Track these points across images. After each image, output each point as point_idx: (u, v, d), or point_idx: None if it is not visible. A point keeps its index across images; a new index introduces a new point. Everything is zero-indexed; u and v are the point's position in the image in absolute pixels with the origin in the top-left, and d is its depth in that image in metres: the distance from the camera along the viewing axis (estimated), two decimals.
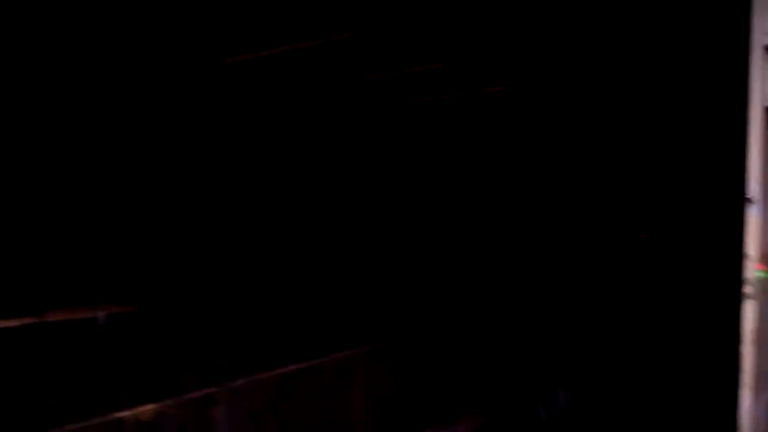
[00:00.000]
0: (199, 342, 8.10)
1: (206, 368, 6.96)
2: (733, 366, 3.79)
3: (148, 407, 5.05)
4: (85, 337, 7.46)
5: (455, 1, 6.57)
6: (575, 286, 14.02)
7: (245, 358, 7.28)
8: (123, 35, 7.11)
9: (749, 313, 3.63)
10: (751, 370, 3.64)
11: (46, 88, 7.65)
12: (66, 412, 4.80)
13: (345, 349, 7.50)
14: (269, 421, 6.31)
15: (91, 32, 7.01)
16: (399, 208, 13.08)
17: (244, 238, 10.22)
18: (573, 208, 15.08)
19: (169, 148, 9.24)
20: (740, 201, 3.65)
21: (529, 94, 10.18)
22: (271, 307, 9.96)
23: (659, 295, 13.73)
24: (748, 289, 3.62)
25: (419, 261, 13.19)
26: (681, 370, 10.63)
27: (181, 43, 7.60)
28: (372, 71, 8.82)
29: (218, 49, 7.75)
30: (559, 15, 6.93)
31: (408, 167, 13.27)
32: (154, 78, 8.48)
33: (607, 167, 14.84)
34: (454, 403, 8.93)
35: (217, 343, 8.13)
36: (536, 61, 8.63)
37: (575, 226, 15.05)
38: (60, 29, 6.96)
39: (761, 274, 3.62)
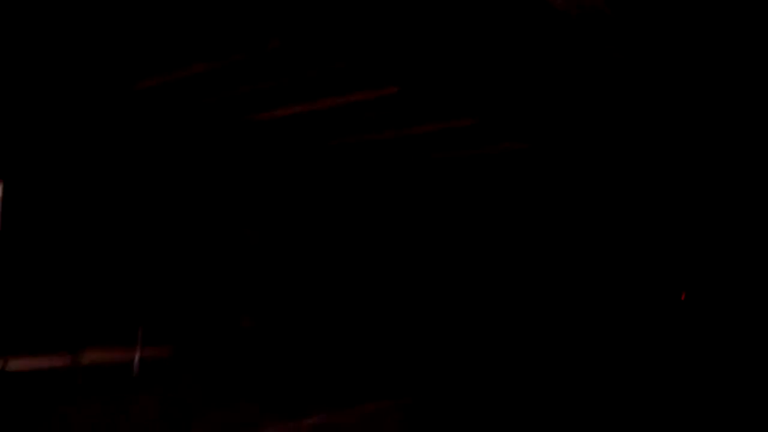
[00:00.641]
0: (224, 390, 8.16)
1: (233, 415, 7.03)
2: None
3: None
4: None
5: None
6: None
7: (272, 407, 7.34)
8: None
9: None
10: None
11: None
12: None
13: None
14: None
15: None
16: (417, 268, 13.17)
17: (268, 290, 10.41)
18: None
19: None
20: None
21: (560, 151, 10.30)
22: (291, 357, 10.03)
23: None
24: None
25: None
26: None
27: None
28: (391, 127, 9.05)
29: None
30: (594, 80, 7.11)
31: (419, 224, 13.38)
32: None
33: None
34: None
35: (244, 391, 8.19)
36: (567, 120, 8.80)
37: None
38: None
39: None
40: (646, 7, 4.99)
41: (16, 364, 7.16)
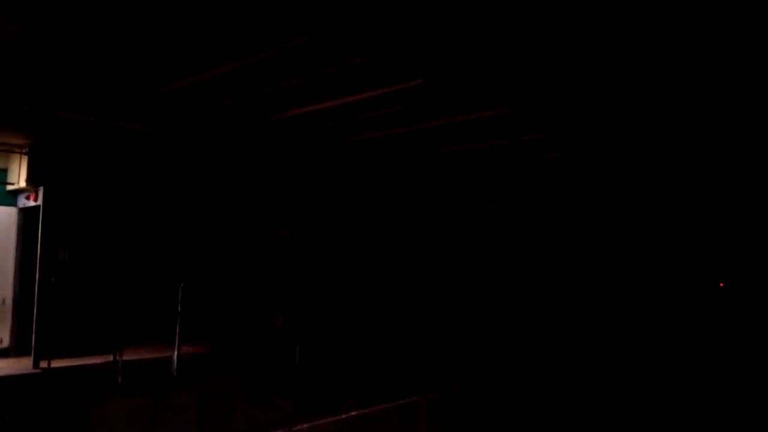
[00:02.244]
0: (260, 387, 8.24)
1: (268, 411, 7.10)
2: None
3: None
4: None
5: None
6: None
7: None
8: None
9: None
10: None
11: None
12: None
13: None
14: None
15: None
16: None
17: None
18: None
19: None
20: None
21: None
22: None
23: None
24: None
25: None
26: None
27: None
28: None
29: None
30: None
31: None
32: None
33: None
34: None
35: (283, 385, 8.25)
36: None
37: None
38: None
39: None
40: None
41: (63, 362, 7.41)
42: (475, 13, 5.88)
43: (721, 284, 14.81)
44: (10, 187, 8.11)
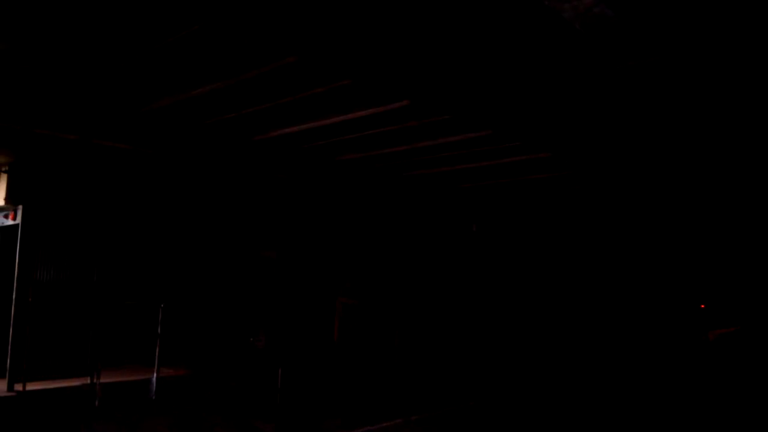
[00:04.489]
0: (240, 409, 8.11)
1: None
2: None
3: None
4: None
5: None
6: None
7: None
8: None
9: None
10: None
11: None
12: None
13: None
14: None
15: None
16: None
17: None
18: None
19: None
20: None
21: None
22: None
23: None
24: None
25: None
26: None
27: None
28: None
29: None
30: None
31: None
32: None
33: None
34: None
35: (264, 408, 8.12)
36: None
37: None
38: None
39: None
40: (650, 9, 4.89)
41: (39, 385, 7.22)
42: (461, 36, 5.97)
43: (702, 306, 14.98)
44: None
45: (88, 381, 7.58)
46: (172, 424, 7.11)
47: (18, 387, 7.12)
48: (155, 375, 7.72)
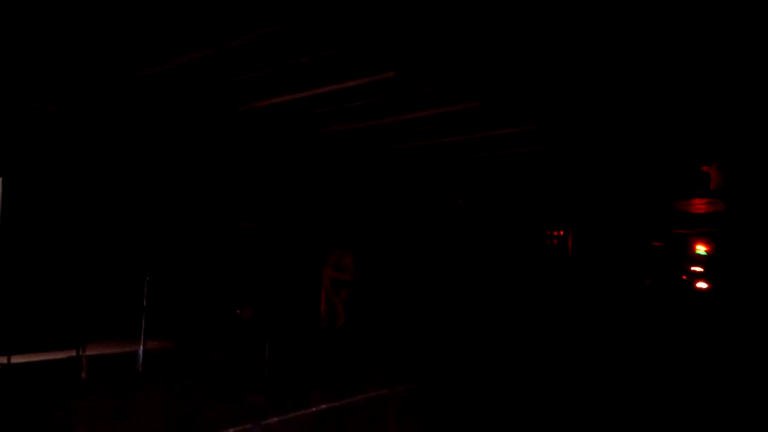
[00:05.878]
0: (229, 381, 8.17)
1: (236, 406, 7.03)
2: None
3: None
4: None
5: None
6: None
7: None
8: None
9: None
10: None
11: None
12: None
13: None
14: None
15: None
16: None
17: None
18: None
19: None
20: None
21: None
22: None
23: None
24: None
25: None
26: None
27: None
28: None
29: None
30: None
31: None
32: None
33: None
34: None
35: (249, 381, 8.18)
36: None
37: None
38: None
39: None
40: None
41: (24, 358, 7.21)
42: (448, 6, 5.90)
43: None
44: None
45: (74, 354, 7.58)
46: (160, 394, 7.14)
47: (2, 360, 7.11)
48: (141, 347, 7.73)
